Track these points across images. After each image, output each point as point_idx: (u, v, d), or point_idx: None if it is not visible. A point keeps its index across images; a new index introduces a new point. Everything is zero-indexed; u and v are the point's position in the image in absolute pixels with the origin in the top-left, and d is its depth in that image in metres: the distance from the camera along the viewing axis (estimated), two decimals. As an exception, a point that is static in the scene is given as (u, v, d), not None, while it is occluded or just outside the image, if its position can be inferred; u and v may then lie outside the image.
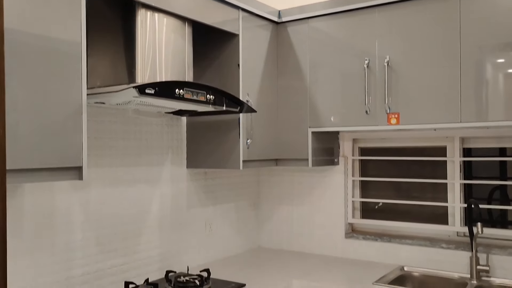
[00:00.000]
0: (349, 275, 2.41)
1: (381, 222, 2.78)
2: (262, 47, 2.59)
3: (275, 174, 3.09)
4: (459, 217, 2.55)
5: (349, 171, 2.87)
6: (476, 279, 2.32)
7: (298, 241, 2.99)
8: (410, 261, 2.59)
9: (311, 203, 2.94)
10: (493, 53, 2.10)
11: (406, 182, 2.75)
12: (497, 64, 2.10)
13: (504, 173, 2.53)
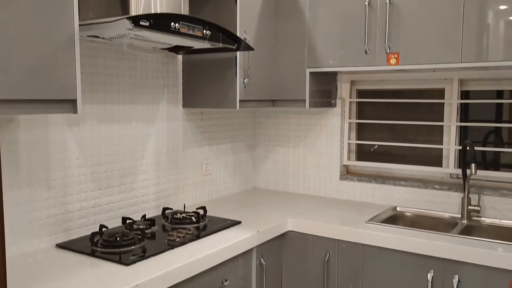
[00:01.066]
0: (343, 215, 2.46)
1: (376, 164, 2.80)
2: (260, -17, 2.50)
3: (272, 116, 3.08)
4: (453, 159, 2.57)
5: (346, 113, 2.86)
6: (466, 219, 2.37)
7: (294, 182, 3.02)
8: (403, 202, 2.64)
9: (307, 145, 2.95)
10: (498, -10, 2.03)
11: (401, 126, 2.75)
12: (499, 10, 2.04)
13: (499, 116, 2.53)
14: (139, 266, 1.69)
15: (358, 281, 2.21)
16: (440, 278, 2.01)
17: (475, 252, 1.91)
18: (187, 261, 1.76)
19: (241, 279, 2.11)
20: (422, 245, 2.03)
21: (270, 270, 2.32)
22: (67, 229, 2.00)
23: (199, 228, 2.16)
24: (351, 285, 2.23)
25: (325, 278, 2.30)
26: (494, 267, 1.89)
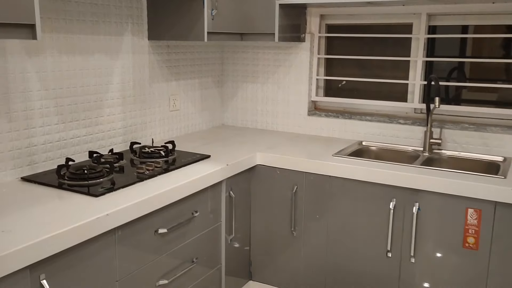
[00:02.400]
0: (310, 149, 2.50)
1: (343, 100, 2.83)
2: None
3: (240, 51, 3.02)
4: (418, 94, 2.62)
5: (315, 48, 2.84)
6: (428, 152, 2.46)
7: (262, 118, 3.03)
8: (369, 136, 2.70)
9: (276, 81, 2.94)
10: None
11: (369, 62, 2.76)
12: None
13: (463, 52, 2.57)
14: (108, 198, 1.69)
15: (324, 211, 2.29)
16: (402, 207, 2.10)
17: (434, 181, 2.00)
18: (157, 192, 1.76)
19: (211, 210, 2.15)
20: (385, 176, 2.10)
21: (239, 202, 2.37)
22: (32, 163, 1.96)
23: (168, 162, 2.16)
24: (318, 215, 2.31)
25: (292, 209, 2.37)
26: (451, 195, 1.99)
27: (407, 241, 2.12)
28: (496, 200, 1.90)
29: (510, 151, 2.35)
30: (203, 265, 2.14)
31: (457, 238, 2.01)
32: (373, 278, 2.23)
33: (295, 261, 2.42)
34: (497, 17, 2.39)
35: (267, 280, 2.53)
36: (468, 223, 1.98)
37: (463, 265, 2.02)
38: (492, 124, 2.44)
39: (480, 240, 1.97)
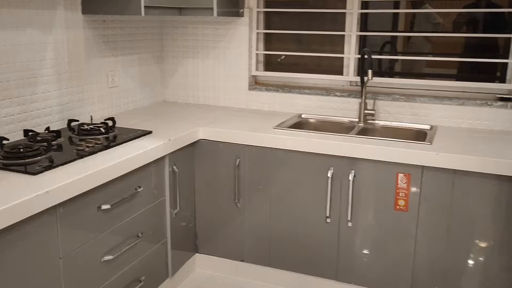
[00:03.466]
0: (252, 123, 2.55)
1: (283, 74, 2.90)
2: None
3: (179, 26, 3.00)
4: (353, 67, 2.73)
5: (254, 23, 2.87)
6: (363, 122, 2.59)
7: (204, 94, 3.04)
8: (308, 109, 2.79)
9: (217, 55, 2.95)
10: None
11: (307, 36, 2.84)
12: None
13: (395, 27, 2.70)
14: (47, 176, 1.66)
15: (267, 182, 2.37)
16: (339, 174, 2.22)
17: (368, 150, 2.12)
18: (98, 168, 1.75)
19: (154, 186, 2.16)
20: (323, 146, 2.20)
21: (183, 177, 2.39)
22: (-37, 143, 1.87)
23: (109, 139, 2.14)
24: (260, 186, 2.38)
25: (236, 182, 2.42)
26: (383, 161, 2.12)
27: (344, 206, 2.24)
28: (423, 164, 2.05)
29: (436, 119, 2.52)
30: (148, 240, 2.16)
31: (389, 201, 2.15)
32: (314, 243, 2.34)
33: (240, 231, 2.49)
34: (424, -7, 2.53)
35: (213, 252, 2.59)
36: (399, 186, 2.13)
37: (395, 225, 2.17)
38: (420, 95, 2.60)
39: (409, 202, 2.12)
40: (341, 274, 2.33)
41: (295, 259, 2.41)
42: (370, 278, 2.27)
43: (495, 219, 2.00)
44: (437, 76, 2.65)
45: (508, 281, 2.04)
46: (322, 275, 2.37)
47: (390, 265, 2.22)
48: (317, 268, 2.37)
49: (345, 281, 2.33)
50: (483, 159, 1.94)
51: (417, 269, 2.17)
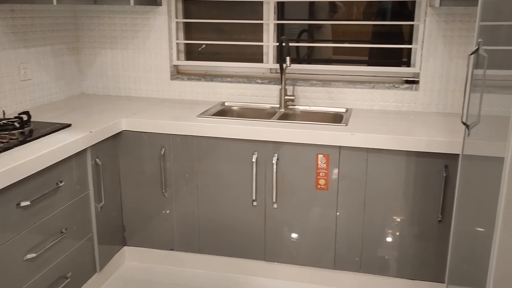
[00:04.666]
0: (175, 112, 2.55)
1: (204, 63, 2.92)
2: None
3: (95, 16, 2.91)
4: (272, 55, 2.82)
5: (173, 12, 2.85)
6: (284, 108, 2.69)
7: (124, 85, 2.98)
8: (231, 97, 2.84)
9: (136, 46, 2.90)
10: None
11: (228, 25, 2.87)
12: None
13: (313, 15, 2.82)
14: (-42, 174, 1.57)
15: (193, 170, 2.39)
16: (263, 159, 2.30)
17: (289, 133, 2.22)
18: (14, 164, 1.68)
19: (77, 180, 2.11)
20: (247, 132, 2.26)
21: (107, 169, 2.35)
22: None
23: (25, 133, 2.05)
24: (187, 174, 2.41)
25: (162, 171, 2.42)
26: (304, 144, 2.23)
27: (269, 189, 2.32)
28: (340, 145, 2.18)
29: (351, 103, 2.68)
30: (73, 236, 2.11)
31: (310, 182, 2.27)
32: (242, 227, 2.41)
33: (168, 221, 2.50)
34: (335, -17, 2.66)
35: (142, 244, 2.58)
36: (319, 167, 2.25)
37: (317, 204, 2.29)
38: (336, 80, 2.74)
39: (329, 181, 2.25)
40: (269, 255, 2.42)
41: (224, 243, 2.46)
42: (297, 256, 2.39)
43: (406, 192, 2.18)
44: (350, 62, 2.81)
45: (418, 248, 2.24)
46: (251, 257, 2.45)
47: (314, 242, 2.35)
48: (246, 251, 2.45)
49: (273, 260, 2.43)
50: (392, 137, 2.11)
51: (338, 243, 2.32)
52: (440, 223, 2.18)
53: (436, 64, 2.52)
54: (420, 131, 2.18)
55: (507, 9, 1.34)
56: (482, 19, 1.61)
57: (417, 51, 2.58)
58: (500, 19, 1.41)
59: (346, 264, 2.34)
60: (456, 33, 2.45)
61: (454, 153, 2.05)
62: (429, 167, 2.12)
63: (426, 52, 2.52)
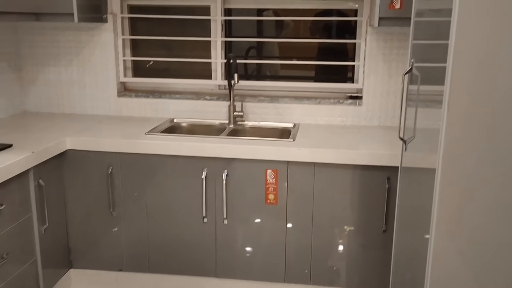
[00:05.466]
0: (123, 130, 2.52)
1: (152, 79, 2.90)
2: None
3: (37, 33, 2.83)
4: (220, 71, 2.85)
5: (119, 29, 2.83)
6: (233, 124, 2.71)
7: (69, 102, 2.91)
8: (180, 113, 2.84)
9: (81, 63, 2.85)
10: None
11: (177, 42, 2.88)
12: None
13: (260, 32, 2.88)
14: None
15: (142, 188, 2.36)
16: (213, 175, 2.30)
17: (238, 149, 2.24)
18: (-50, 188, 1.61)
19: (19, 202, 2.03)
20: (196, 149, 2.27)
21: (51, 190, 2.28)
22: None
23: (-39, 155, 1.96)
24: (136, 193, 2.37)
25: (109, 191, 2.38)
26: (253, 159, 2.26)
27: (219, 205, 2.33)
28: (288, 160, 2.23)
29: (298, 118, 2.75)
30: (15, 261, 2.02)
31: (260, 197, 2.30)
32: (193, 244, 2.40)
33: (116, 241, 2.45)
34: (281, 2, 2.73)
35: (89, 266, 2.51)
36: (268, 182, 2.28)
37: (267, 218, 2.32)
38: (283, 96, 2.80)
39: (278, 195, 2.29)
40: (221, 271, 2.42)
41: (175, 261, 2.44)
42: (248, 271, 2.40)
43: (352, 204, 2.26)
44: (297, 78, 2.89)
45: (365, 258, 2.31)
46: (203, 274, 2.44)
47: (265, 256, 2.37)
48: (197, 268, 2.43)
49: (225, 277, 2.43)
50: (337, 152, 2.18)
51: (288, 257, 2.36)
52: (384, 233, 2.26)
53: (377, 80, 2.64)
54: (363, 145, 2.27)
55: (435, 29, 1.44)
56: (414, 38, 1.72)
57: (359, 68, 2.70)
58: (430, 38, 1.51)
59: (296, 277, 2.37)
60: (394, 51, 2.58)
61: (395, 166, 2.14)
62: (372, 179, 2.21)
63: (367, 69, 2.64)
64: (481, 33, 1.23)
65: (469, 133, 1.28)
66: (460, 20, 1.23)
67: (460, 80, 1.26)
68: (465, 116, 1.28)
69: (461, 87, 1.26)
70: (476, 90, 1.26)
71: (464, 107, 1.27)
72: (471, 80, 1.25)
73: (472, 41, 1.23)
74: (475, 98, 1.26)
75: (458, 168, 1.30)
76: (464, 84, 1.26)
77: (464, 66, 1.25)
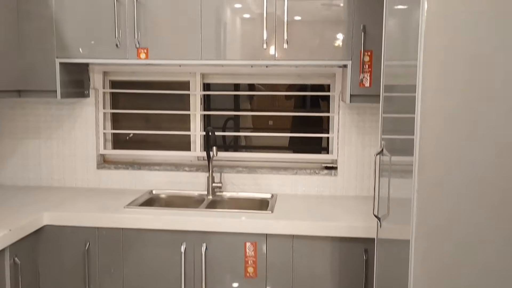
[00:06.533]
0: (102, 203, 2.52)
1: (131, 151, 2.95)
2: (-3, -37, 2.31)
3: (18, 107, 2.87)
4: (199, 143, 2.92)
5: (100, 103, 2.90)
6: (211, 195, 2.75)
7: (47, 176, 2.91)
8: (159, 185, 2.86)
9: (61, 136, 2.88)
10: (228, -1, 2.40)
11: (155, 114, 2.96)
12: (235, 9, 2.41)
13: (237, 105, 3.00)
14: None
15: (119, 263, 2.33)
16: (192, 249, 2.30)
17: (216, 223, 2.27)
18: None
19: (-8, 282, 1.98)
20: (175, 223, 2.28)
21: (26, 267, 2.23)
22: None
23: None
24: (113, 268, 2.34)
25: (86, 268, 2.34)
26: (232, 232, 2.27)
27: (198, 278, 2.31)
28: (267, 232, 2.25)
29: (276, 188, 2.80)
30: None
31: (239, 270, 2.30)
32: (171, 321, 2.35)
33: (92, 319, 2.37)
34: (257, 77, 2.87)
35: None
36: (247, 255, 2.29)
37: (247, 293, 2.31)
38: (261, 166, 2.87)
39: (257, 268, 2.29)
40: None
41: None
42: None
43: (331, 275, 2.27)
44: (274, 149, 2.98)
45: (346, 330, 2.30)
46: None
47: (245, 332, 2.33)
48: None
49: None
50: (315, 224, 2.23)
51: (269, 331, 2.32)
52: (364, 305, 2.27)
53: (351, 152, 2.74)
54: (341, 217, 2.32)
55: (401, 104, 1.55)
56: (384, 112, 1.82)
57: (334, 139, 2.80)
58: (398, 112, 1.62)
59: None
60: (367, 124, 2.71)
61: (372, 237, 2.19)
62: (350, 251, 2.24)
63: (341, 141, 2.74)
64: (445, 107, 1.33)
65: (441, 202, 1.35)
66: (423, 95, 1.33)
67: (428, 150, 1.34)
68: (435, 185, 1.35)
69: (429, 157, 1.34)
70: (444, 160, 1.34)
71: (433, 177, 1.34)
72: (439, 150, 1.34)
73: (436, 114, 1.33)
74: (444, 167, 1.34)
75: (433, 238, 1.36)
76: (432, 154, 1.34)
77: (431, 137, 1.34)
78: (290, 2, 2.34)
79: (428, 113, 1.33)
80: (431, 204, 1.36)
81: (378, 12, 1.97)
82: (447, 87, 1.33)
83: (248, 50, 2.42)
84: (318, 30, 2.38)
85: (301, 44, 2.38)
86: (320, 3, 2.38)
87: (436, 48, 1.32)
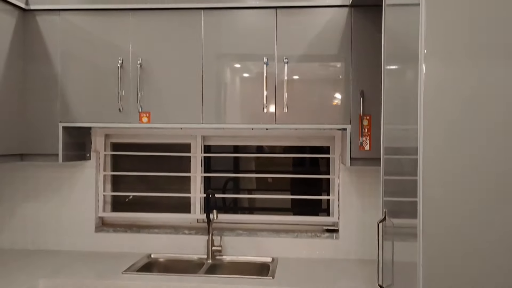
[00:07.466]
0: (99, 268, 2.47)
1: (130, 214, 2.92)
2: (5, 32, 2.39)
3: (18, 170, 2.88)
4: (199, 205, 2.90)
5: (101, 166, 2.91)
6: (211, 259, 2.69)
7: (45, 238, 2.87)
8: (158, 248, 2.81)
9: (60, 198, 2.87)
10: (230, 62, 2.47)
11: (155, 176, 2.96)
12: (235, 70, 2.48)
13: (237, 167, 3.00)
14: None
15: (114, 333, 2.25)
16: (190, 317, 2.23)
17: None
18: None
19: None
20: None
21: None
22: None
23: None
24: (108, 338, 2.25)
25: (80, 337, 2.25)
26: (232, 300, 2.21)
27: None
28: (268, 300, 2.19)
29: (277, 251, 2.75)
30: None
31: None
32: None
33: None
34: (258, 139, 2.90)
35: None
36: (248, 324, 2.21)
37: None
38: (261, 229, 2.84)
39: (258, 338, 2.20)
40: None
41: None
42: None
43: None
44: (274, 210, 2.95)
45: None
46: None
47: None
48: None
49: None
50: (317, 291, 2.17)
51: None
52: None
53: (352, 214, 2.72)
54: (343, 283, 2.26)
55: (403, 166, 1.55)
56: (385, 174, 1.82)
57: (334, 202, 2.79)
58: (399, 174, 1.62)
59: None
60: (367, 187, 2.70)
61: (376, 305, 2.12)
62: (354, 319, 2.17)
63: (342, 203, 2.73)
64: (447, 168, 1.35)
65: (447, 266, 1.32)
66: (425, 157, 1.35)
67: (431, 213, 1.34)
68: (440, 248, 1.33)
69: (433, 219, 1.34)
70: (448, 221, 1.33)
71: (439, 238, 1.33)
72: (443, 212, 1.34)
73: (438, 176, 1.35)
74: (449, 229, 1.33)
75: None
76: (435, 216, 1.34)
77: (434, 199, 1.34)
78: (289, 64, 2.40)
79: (430, 175, 1.35)
80: (437, 270, 1.33)
81: (376, 76, 2.03)
82: (448, 145, 1.35)
83: (248, 113, 2.46)
84: (318, 91, 2.42)
85: (300, 108, 2.42)
86: (318, 64, 2.44)
87: (437, 111, 1.35)
